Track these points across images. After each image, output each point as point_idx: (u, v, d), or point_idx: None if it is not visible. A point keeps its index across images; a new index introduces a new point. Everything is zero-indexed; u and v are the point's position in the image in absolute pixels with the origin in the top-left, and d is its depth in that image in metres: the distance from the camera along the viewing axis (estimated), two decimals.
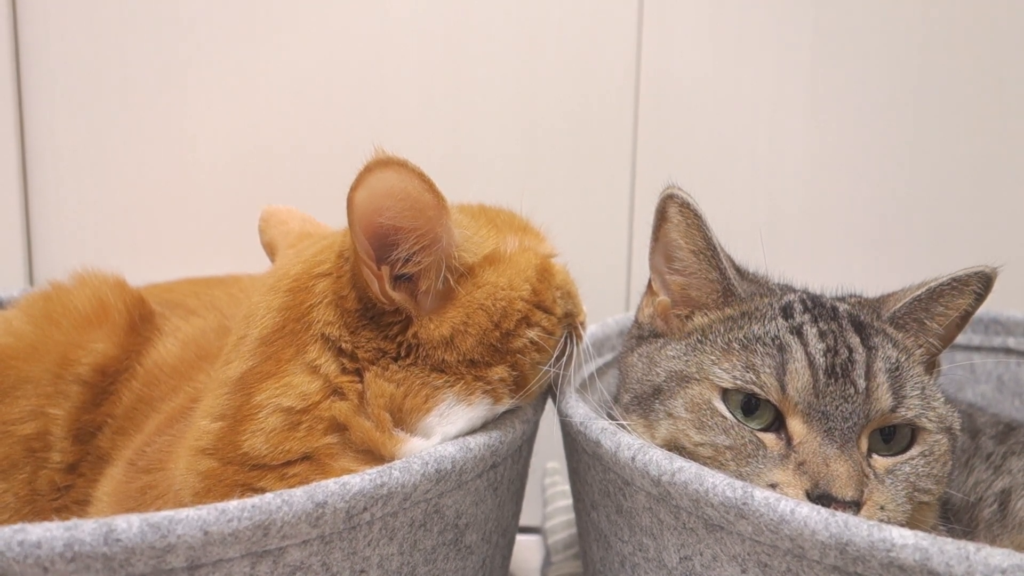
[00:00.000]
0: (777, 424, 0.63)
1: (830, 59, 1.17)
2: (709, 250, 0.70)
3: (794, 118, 1.18)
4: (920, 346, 0.68)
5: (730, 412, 0.63)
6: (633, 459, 0.61)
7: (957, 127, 1.17)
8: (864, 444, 0.62)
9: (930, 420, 0.64)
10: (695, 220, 0.69)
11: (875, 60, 1.16)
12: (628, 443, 0.62)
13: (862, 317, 0.68)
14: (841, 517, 0.50)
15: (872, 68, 1.17)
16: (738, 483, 0.55)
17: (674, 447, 0.64)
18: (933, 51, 1.16)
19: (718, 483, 0.55)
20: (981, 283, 0.67)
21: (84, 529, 0.46)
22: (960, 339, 0.90)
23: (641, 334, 0.76)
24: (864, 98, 1.17)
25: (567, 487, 1.13)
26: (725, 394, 0.64)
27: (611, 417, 0.71)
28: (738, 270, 0.73)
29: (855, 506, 0.58)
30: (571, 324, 0.71)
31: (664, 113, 1.18)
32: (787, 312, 0.68)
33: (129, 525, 0.47)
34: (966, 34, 1.15)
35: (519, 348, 0.65)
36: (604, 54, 1.17)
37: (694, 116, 1.18)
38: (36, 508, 0.76)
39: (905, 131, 1.18)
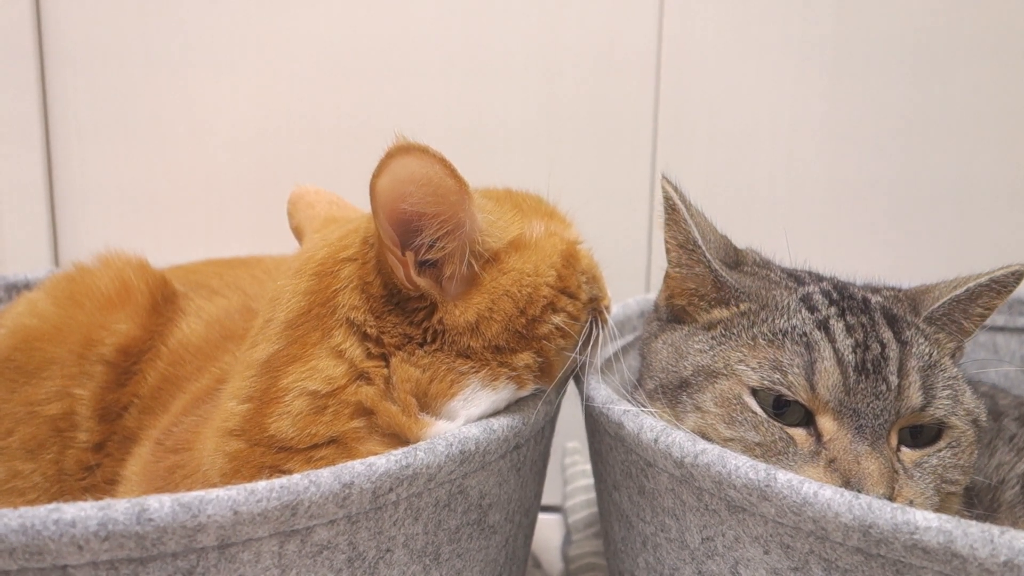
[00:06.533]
0: (807, 419, 0.62)
1: (851, 37, 1.15)
2: (691, 244, 0.70)
3: (815, 96, 1.17)
4: (951, 340, 0.68)
5: (761, 408, 0.62)
6: (656, 441, 0.61)
7: (979, 110, 1.16)
8: (894, 439, 0.61)
9: (959, 418, 0.63)
10: (673, 214, 0.70)
11: (897, 43, 1.15)
12: (651, 425, 0.62)
13: (895, 310, 0.67)
14: (864, 499, 0.50)
15: (894, 49, 1.15)
16: (761, 465, 0.55)
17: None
18: (958, 22, 1.14)
19: (740, 465, 0.55)
20: (1016, 280, 0.67)
21: (117, 509, 0.47)
22: None
23: (660, 317, 0.76)
24: (885, 78, 1.16)
25: (587, 466, 1.14)
26: (755, 390, 0.63)
27: (634, 400, 0.71)
28: (738, 260, 0.73)
29: None
30: (596, 308, 0.71)
31: (685, 91, 1.17)
32: (811, 304, 0.66)
33: (161, 505, 0.48)
34: (988, 18, 1.14)
35: (544, 334, 0.65)
36: (625, 33, 1.16)
37: (715, 95, 1.17)
38: (64, 487, 0.77)
39: (928, 110, 1.16)
